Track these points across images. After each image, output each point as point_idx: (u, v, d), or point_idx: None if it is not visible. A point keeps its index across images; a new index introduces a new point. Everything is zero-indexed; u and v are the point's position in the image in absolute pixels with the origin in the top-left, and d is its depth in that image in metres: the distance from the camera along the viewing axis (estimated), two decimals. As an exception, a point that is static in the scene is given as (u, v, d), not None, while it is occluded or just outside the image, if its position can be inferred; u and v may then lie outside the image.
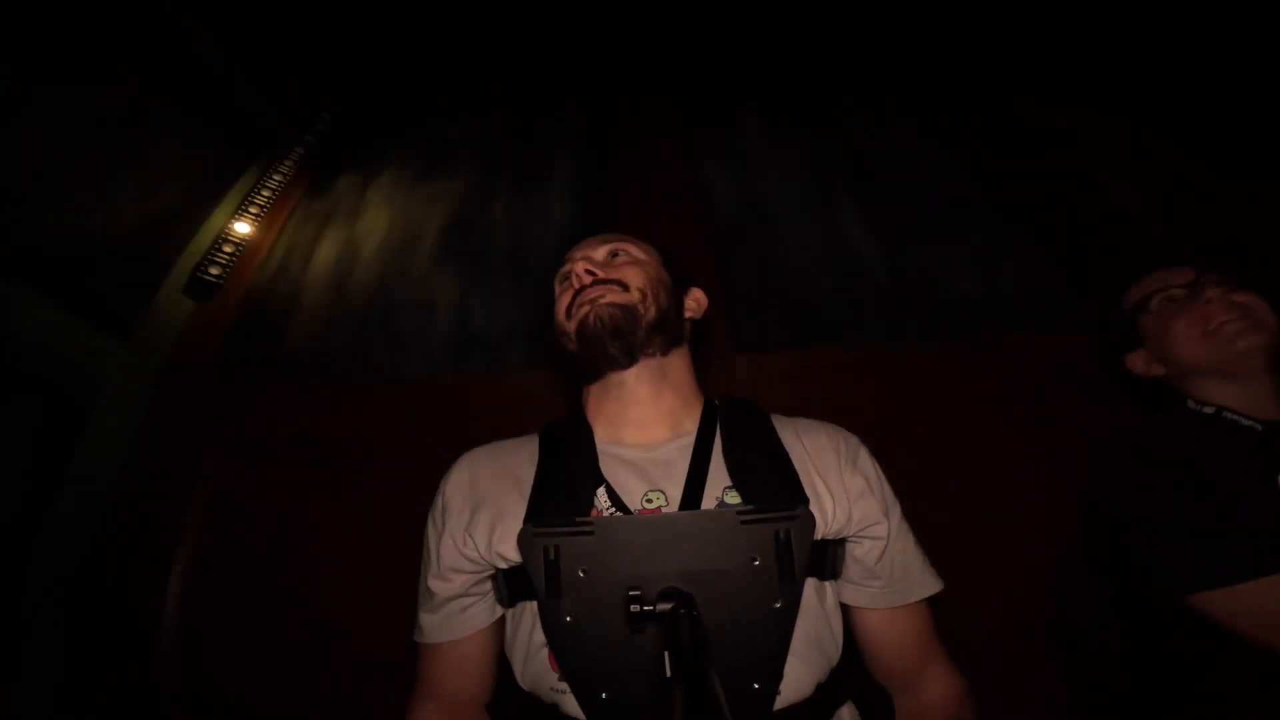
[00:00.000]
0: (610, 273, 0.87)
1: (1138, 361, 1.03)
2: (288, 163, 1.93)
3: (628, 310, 0.83)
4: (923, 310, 1.62)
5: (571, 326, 0.85)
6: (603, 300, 0.83)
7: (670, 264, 0.95)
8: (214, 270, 1.67)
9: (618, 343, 0.82)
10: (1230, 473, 0.81)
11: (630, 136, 1.93)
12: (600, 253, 0.92)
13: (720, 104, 2.04)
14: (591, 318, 0.82)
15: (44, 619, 1.20)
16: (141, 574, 1.34)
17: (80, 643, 1.25)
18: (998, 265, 1.67)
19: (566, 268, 0.92)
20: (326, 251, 1.85)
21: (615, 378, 0.84)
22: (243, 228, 1.76)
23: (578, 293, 0.86)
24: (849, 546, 0.77)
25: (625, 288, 0.85)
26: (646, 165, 1.86)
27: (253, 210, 1.80)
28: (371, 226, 1.89)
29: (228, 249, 1.71)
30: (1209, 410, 0.92)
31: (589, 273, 0.86)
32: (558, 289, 0.92)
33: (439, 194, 1.93)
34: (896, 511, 0.81)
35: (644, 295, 0.85)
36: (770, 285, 1.71)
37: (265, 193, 1.85)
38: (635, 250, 0.92)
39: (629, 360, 0.83)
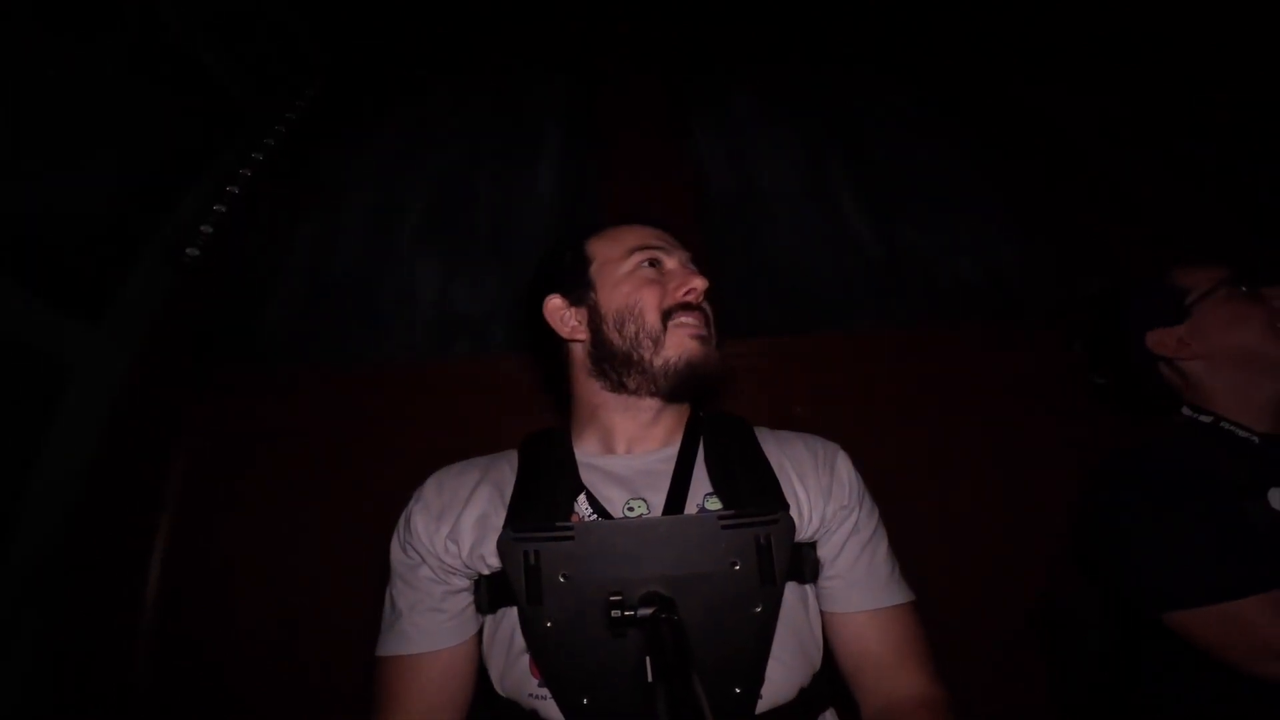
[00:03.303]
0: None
1: (1169, 338, 0.95)
2: (268, 140, 1.86)
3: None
4: (918, 292, 1.60)
5: (674, 354, 0.78)
6: (712, 342, 0.82)
7: None
8: (190, 251, 1.61)
9: (697, 383, 0.80)
10: (1223, 485, 0.80)
11: (619, 112, 1.87)
12: (687, 261, 0.87)
13: (712, 78, 1.97)
14: (708, 361, 0.80)
15: (16, 616, 1.18)
16: (114, 569, 1.32)
17: (56, 638, 1.23)
18: (995, 247, 1.64)
19: (667, 263, 0.84)
20: (307, 231, 1.80)
21: (646, 401, 0.81)
22: (221, 207, 1.70)
23: (686, 307, 0.80)
24: (817, 543, 0.77)
25: (710, 324, 0.83)
26: (636, 142, 1.80)
27: (231, 189, 1.73)
28: (353, 205, 1.83)
29: (205, 229, 1.65)
30: (1206, 419, 0.90)
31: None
32: (640, 270, 0.82)
33: (422, 171, 1.87)
34: (872, 516, 0.80)
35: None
36: (761, 265, 1.68)
37: (245, 171, 1.78)
38: None
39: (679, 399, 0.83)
